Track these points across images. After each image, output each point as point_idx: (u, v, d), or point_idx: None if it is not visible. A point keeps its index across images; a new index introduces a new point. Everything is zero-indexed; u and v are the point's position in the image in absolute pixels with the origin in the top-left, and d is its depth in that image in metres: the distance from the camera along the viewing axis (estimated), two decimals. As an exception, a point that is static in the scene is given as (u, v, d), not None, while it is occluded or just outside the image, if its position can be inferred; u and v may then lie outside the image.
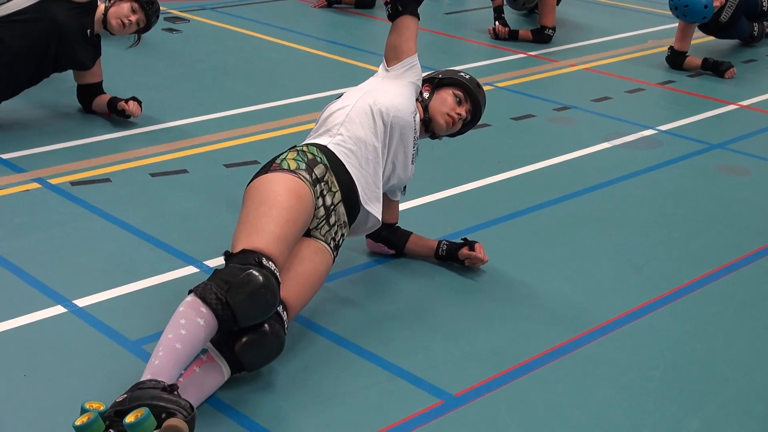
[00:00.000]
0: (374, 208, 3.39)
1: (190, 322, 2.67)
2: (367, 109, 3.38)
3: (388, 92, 3.45)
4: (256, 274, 2.75)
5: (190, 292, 2.74)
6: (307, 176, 3.15)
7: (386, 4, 3.54)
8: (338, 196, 3.25)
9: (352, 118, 3.37)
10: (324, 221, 3.20)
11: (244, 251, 2.85)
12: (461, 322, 3.34)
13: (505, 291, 3.57)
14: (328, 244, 3.20)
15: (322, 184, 3.20)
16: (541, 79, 6.36)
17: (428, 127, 3.63)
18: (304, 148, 3.29)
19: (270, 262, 2.83)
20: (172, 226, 3.93)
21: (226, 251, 2.91)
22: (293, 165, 3.17)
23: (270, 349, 2.85)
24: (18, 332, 3.15)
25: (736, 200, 4.51)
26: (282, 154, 3.27)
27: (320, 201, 3.19)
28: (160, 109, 5.27)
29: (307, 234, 3.16)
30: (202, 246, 3.74)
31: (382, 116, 3.39)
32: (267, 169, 3.19)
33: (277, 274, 2.84)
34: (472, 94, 3.66)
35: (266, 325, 2.82)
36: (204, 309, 2.69)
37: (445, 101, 3.62)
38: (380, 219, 3.44)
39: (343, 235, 3.30)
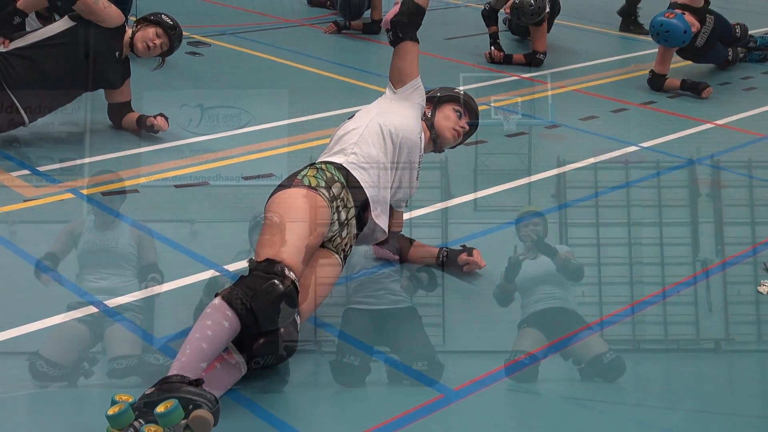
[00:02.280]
0: (382, 221, 3.41)
1: (216, 323, 2.69)
2: (378, 130, 3.39)
3: (398, 114, 3.46)
4: (278, 283, 2.77)
5: (216, 295, 2.76)
6: (326, 193, 3.16)
7: (387, 31, 3.54)
8: (352, 212, 3.26)
9: (365, 138, 3.38)
10: (337, 234, 3.21)
11: (268, 260, 2.86)
12: (461, 322, 3.34)
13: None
14: (339, 255, 3.22)
15: (339, 201, 3.21)
16: (533, 100, 6.38)
17: (436, 142, 3.67)
18: (323, 166, 3.28)
19: (291, 273, 2.85)
20: (194, 233, 3.95)
21: (251, 258, 2.93)
22: (314, 182, 3.17)
23: (284, 350, 2.86)
24: (54, 330, 3.15)
25: (713, 211, 4.50)
26: (302, 170, 3.27)
27: (336, 216, 3.19)
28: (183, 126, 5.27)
29: (321, 245, 3.17)
30: (221, 251, 3.74)
31: (392, 137, 3.40)
32: (290, 184, 3.18)
33: (297, 284, 2.86)
34: (470, 107, 3.72)
35: (281, 329, 2.83)
36: (230, 312, 2.71)
37: (449, 117, 3.67)
38: (387, 231, 3.45)
39: (351, 246, 3.32)
